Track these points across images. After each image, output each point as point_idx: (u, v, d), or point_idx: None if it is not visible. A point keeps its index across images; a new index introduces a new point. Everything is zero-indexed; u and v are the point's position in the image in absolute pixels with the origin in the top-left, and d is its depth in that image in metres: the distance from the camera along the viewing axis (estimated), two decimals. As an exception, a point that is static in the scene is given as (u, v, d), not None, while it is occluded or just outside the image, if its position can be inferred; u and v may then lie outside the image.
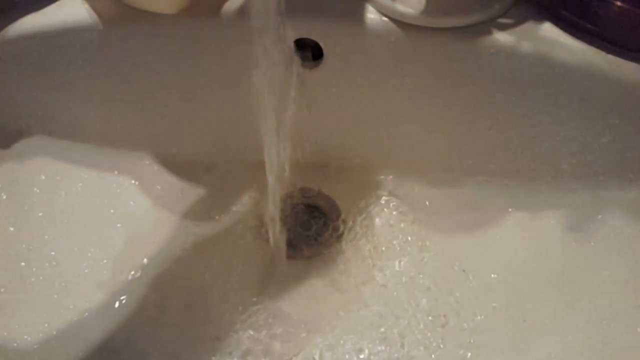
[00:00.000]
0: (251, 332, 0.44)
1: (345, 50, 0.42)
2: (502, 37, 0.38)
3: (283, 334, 0.44)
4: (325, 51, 0.42)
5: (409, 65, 0.41)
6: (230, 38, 0.42)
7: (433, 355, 0.42)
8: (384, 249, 0.47)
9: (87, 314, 0.43)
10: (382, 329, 0.44)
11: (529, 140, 0.43)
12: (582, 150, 0.42)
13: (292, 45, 0.41)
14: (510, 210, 0.45)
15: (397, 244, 0.47)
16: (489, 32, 0.38)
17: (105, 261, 0.46)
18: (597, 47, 0.38)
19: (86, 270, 0.45)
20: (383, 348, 0.43)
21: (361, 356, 0.43)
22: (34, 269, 0.44)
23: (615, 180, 0.42)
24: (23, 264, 0.44)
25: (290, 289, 0.46)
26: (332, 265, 0.47)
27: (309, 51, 0.43)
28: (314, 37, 0.41)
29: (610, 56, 0.37)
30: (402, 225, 0.48)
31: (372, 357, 0.42)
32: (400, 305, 0.45)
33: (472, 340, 0.42)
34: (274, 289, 0.46)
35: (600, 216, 0.42)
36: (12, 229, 0.45)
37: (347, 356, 0.43)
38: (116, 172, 0.49)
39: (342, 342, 0.43)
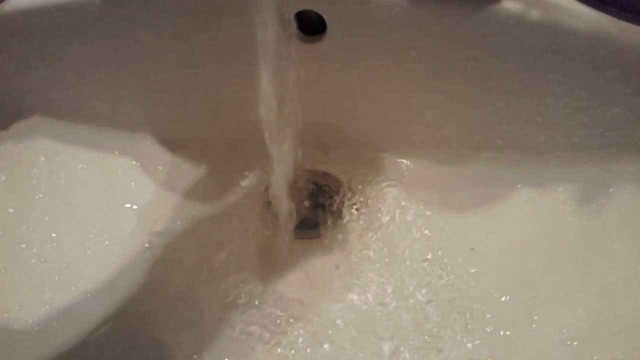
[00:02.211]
0: (255, 311, 0.43)
1: (348, 23, 0.41)
2: (510, 5, 0.37)
3: (287, 314, 0.43)
4: (328, 24, 0.41)
5: (415, 37, 0.40)
6: (231, 12, 0.41)
7: (442, 333, 0.41)
8: (391, 227, 0.46)
9: (88, 295, 0.43)
10: (390, 308, 0.43)
11: (538, 112, 0.42)
12: (593, 121, 0.41)
13: (292, 18, 0.40)
14: (519, 185, 0.45)
15: (404, 223, 0.47)
16: (497, 0, 0.38)
17: (106, 242, 0.45)
18: (608, 13, 0.37)
19: (87, 252, 0.45)
20: (391, 327, 0.42)
21: (367, 336, 0.42)
22: (34, 250, 0.44)
23: (626, 153, 0.41)
24: (23, 245, 0.44)
25: (295, 268, 0.46)
26: (338, 244, 0.46)
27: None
28: (317, 9, 0.40)
29: (622, 22, 0.36)
30: (409, 203, 0.47)
31: (380, 337, 0.42)
32: (408, 284, 0.44)
33: (482, 317, 0.41)
34: (279, 268, 0.45)
35: (611, 189, 0.41)
36: (11, 210, 0.45)
37: (351, 337, 0.42)
38: (117, 153, 0.49)
39: (347, 322, 0.43)
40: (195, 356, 0.42)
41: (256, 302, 0.44)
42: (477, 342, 0.41)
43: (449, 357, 0.41)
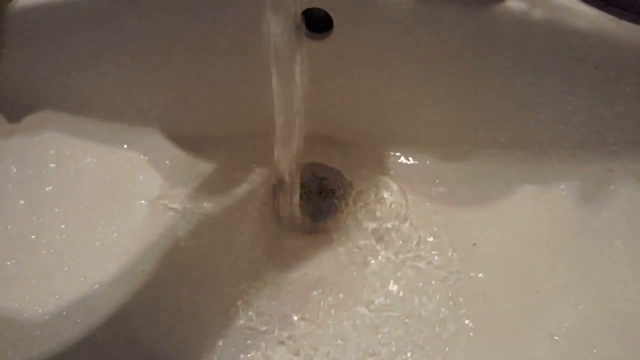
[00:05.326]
0: (260, 304, 0.44)
1: (355, 20, 0.41)
2: (513, 4, 0.38)
3: (291, 307, 0.44)
4: (335, 21, 0.42)
5: (419, 34, 0.41)
6: (238, 8, 0.42)
7: (444, 327, 0.42)
8: (393, 223, 0.47)
9: (97, 286, 0.44)
10: (392, 301, 0.44)
11: (540, 110, 0.42)
12: (595, 119, 0.41)
13: (299, 15, 0.41)
14: (521, 182, 0.45)
15: (407, 218, 0.47)
16: (501, -1, 0.38)
17: (115, 235, 0.46)
18: (610, 13, 0.37)
19: (97, 243, 0.45)
20: (394, 320, 0.43)
21: (371, 329, 0.43)
22: (44, 241, 0.44)
23: (627, 151, 0.41)
24: (34, 236, 0.44)
25: (300, 262, 0.46)
26: (341, 239, 0.47)
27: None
28: (324, 7, 0.41)
29: (623, 22, 0.37)
30: (412, 198, 0.48)
31: (382, 328, 0.42)
32: (409, 279, 0.45)
33: (483, 312, 0.42)
34: (284, 262, 0.46)
35: (612, 187, 0.42)
36: (22, 202, 0.45)
37: (356, 328, 0.43)
38: (126, 147, 0.49)
39: (352, 313, 0.43)
40: (201, 349, 0.42)
41: (263, 296, 0.44)
42: (479, 336, 0.41)
43: (451, 351, 0.41)
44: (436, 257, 0.45)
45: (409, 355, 0.41)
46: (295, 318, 0.43)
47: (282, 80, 0.40)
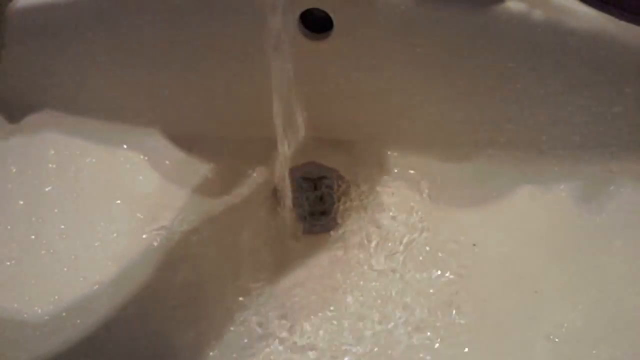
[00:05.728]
0: (260, 305, 0.44)
1: (355, 21, 0.41)
2: (513, 5, 0.38)
3: (292, 307, 0.44)
4: (335, 22, 0.42)
5: (420, 36, 0.41)
6: (237, 9, 0.42)
7: (444, 327, 0.42)
8: (393, 223, 0.47)
9: (96, 286, 0.44)
10: (392, 302, 0.44)
11: (540, 111, 0.42)
12: (594, 120, 0.41)
13: (297, 16, 0.41)
14: (520, 183, 0.45)
15: (407, 219, 0.47)
16: (500, 0, 0.38)
17: (114, 235, 0.46)
18: (609, 13, 0.37)
19: (96, 244, 0.45)
20: (393, 320, 0.43)
21: (370, 329, 0.43)
22: (44, 242, 0.44)
23: (627, 151, 0.42)
24: (33, 237, 0.44)
25: (300, 264, 0.46)
26: (341, 240, 0.47)
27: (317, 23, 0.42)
28: (324, 8, 0.41)
29: (622, 23, 0.37)
30: (412, 199, 0.48)
31: (383, 328, 0.42)
32: (410, 278, 0.45)
33: (482, 312, 0.42)
34: (284, 263, 0.46)
35: (611, 187, 0.42)
36: (22, 202, 0.45)
37: (355, 329, 0.43)
38: (125, 147, 0.49)
39: (351, 314, 0.43)
40: (200, 349, 0.42)
41: (261, 297, 0.44)
42: (478, 336, 0.41)
43: (450, 351, 0.41)
44: (436, 258, 0.45)
45: (408, 355, 0.41)
46: (295, 318, 0.43)
47: (281, 81, 0.40)
